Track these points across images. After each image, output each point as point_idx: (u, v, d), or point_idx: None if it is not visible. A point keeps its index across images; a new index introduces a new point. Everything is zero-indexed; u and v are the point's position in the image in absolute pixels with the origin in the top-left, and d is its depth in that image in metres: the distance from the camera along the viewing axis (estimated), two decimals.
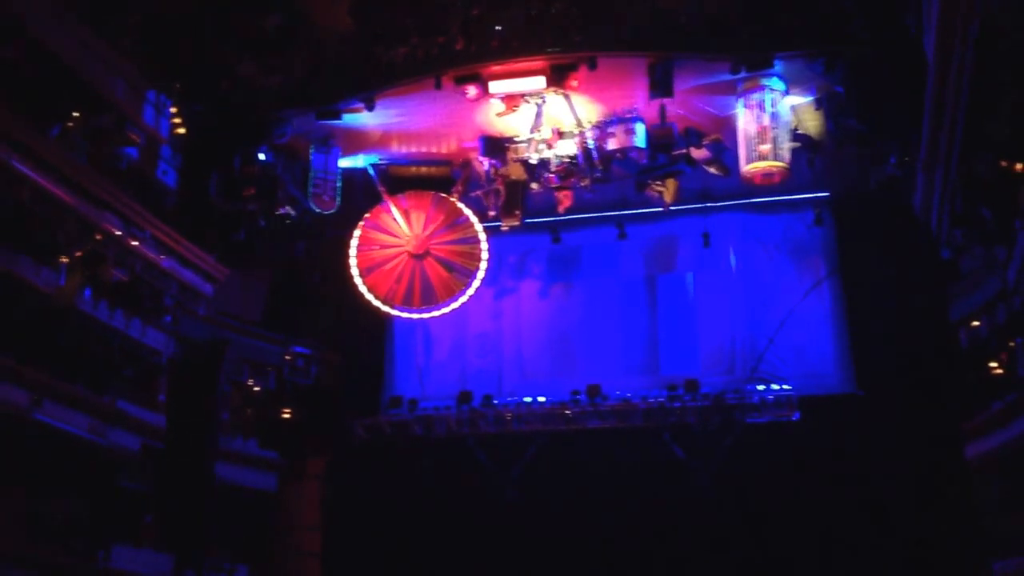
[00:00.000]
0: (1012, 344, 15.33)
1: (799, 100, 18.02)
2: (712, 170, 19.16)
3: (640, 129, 18.45)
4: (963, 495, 16.72)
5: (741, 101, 17.88)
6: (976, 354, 16.36)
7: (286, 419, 21.00)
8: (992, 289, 15.53)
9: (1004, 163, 12.79)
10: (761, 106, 17.65)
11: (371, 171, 20.82)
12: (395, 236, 20.53)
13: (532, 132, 18.93)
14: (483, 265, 20.54)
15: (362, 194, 20.85)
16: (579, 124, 18.86)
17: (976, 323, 16.22)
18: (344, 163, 20.34)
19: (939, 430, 17.72)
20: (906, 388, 18.77)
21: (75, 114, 15.76)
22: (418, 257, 20.46)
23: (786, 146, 17.84)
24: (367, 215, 20.69)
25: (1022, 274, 13.64)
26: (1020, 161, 12.49)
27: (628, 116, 18.49)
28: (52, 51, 14.98)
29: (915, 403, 18.54)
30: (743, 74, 17.30)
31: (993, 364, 16.03)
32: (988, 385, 16.08)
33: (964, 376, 16.81)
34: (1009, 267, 14.27)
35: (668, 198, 19.69)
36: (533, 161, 19.13)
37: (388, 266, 20.45)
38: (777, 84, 17.62)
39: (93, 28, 15.89)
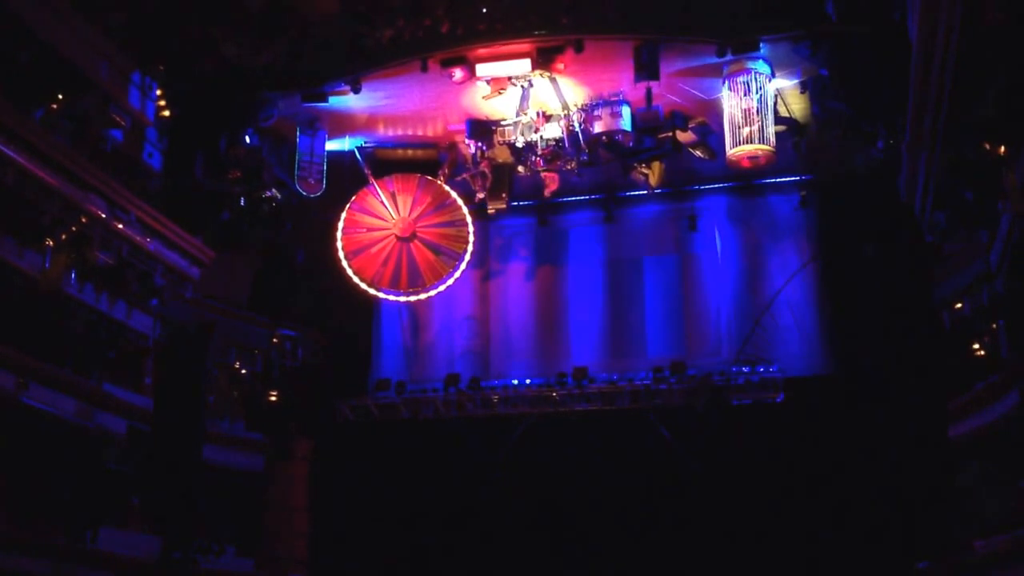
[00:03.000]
0: (995, 326, 15.44)
1: (784, 83, 18.06)
2: (698, 153, 19.24)
3: (626, 112, 18.49)
4: (946, 474, 16.85)
5: (727, 84, 17.89)
6: (959, 336, 16.46)
7: (273, 401, 21.00)
8: (975, 271, 15.62)
9: (988, 146, 12.85)
10: (747, 89, 17.67)
11: (357, 154, 20.78)
12: (381, 219, 20.50)
13: (518, 115, 18.92)
14: (470, 248, 20.53)
15: (348, 177, 20.82)
16: (565, 107, 18.85)
17: (959, 305, 16.31)
18: (330, 146, 20.32)
19: (923, 411, 17.81)
20: (890, 369, 18.85)
21: (59, 96, 15.68)
22: (405, 240, 20.44)
23: (771, 129, 17.87)
24: (353, 198, 20.66)
25: (1005, 257, 13.72)
26: (1004, 144, 12.55)
27: (614, 99, 18.52)
28: (35, 32, 14.88)
29: (899, 384, 18.62)
30: (729, 57, 17.33)
31: (976, 346, 16.14)
32: (971, 366, 16.19)
33: (948, 357, 16.92)
34: (992, 250, 14.36)
35: (654, 181, 19.77)
36: (520, 144, 19.14)
37: (375, 249, 20.42)
38: (762, 67, 17.64)
39: (77, 8, 15.79)
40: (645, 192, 20.64)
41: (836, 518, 18.76)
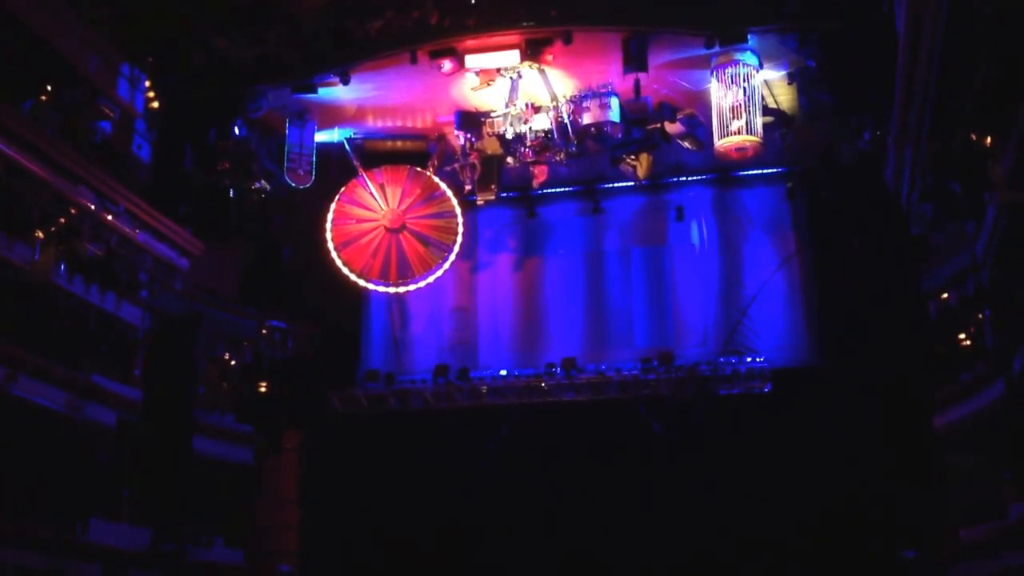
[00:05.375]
0: (980, 316, 15.55)
1: (772, 74, 18.10)
2: (686, 144, 19.26)
3: (615, 104, 18.49)
4: (932, 464, 16.97)
5: (715, 75, 17.93)
6: (945, 326, 16.58)
7: (263, 393, 21.01)
8: (961, 262, 15.72)
9: (974, 137, 12.93)
10: (735, 80, 17.70)
11: (346, 145, 20.76)
12: (371, 210, 20.49)
13: (507, 107, 18.94)
14: (459, 239, 20.53)
15: (337, 169, 20.82)
16: (554, 99, 18.87)
17: (945, 296, 16.42)
18: (319, 137, 20.30)
19: (909, 401, 17.95)
20: (877, 359, 18.95)
21: (48, 88, 15.65)
22: (394, 231, 20.42)
23: (759, 120, 17.91)
24: (343, 189, 20.64)
25: (990, 248, 13.81)
26: (990, 135, 12.62)
27: (603, 91, 18.52)
28: (25, 23, 14.85)
29: (885, 374, 18.75)
30: (717, 49, 17.34)
31: (962, 336, 16.26)
32: (957, 357, 16.31)
33: (934, 348, 17.03)
34: (978, 241, 14.46)
35: (642, 172, 19.79)
36: (509, 136, 19.15)
37: (364, 240, 20.40)
38: (750, 59, 17.67)
39: (66, 1, 15.76)
40: (633, 183, 20.68)
41: (823, 507, 18.87)
